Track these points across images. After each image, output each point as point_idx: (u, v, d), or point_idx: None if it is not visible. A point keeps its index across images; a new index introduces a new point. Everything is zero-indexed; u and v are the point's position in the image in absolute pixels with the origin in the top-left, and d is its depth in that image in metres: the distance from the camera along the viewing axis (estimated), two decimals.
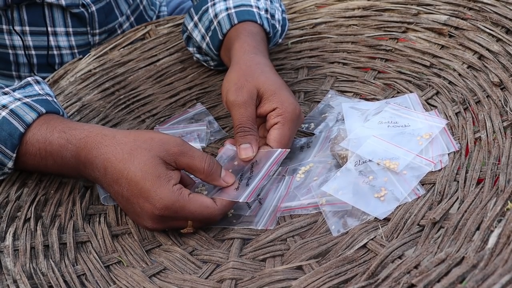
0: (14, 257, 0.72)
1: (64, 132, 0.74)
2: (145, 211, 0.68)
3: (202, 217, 0.69)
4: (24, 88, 0.81)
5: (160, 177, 0.67)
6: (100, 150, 0.71)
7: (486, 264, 0.50)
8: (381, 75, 0.89)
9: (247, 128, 0.76)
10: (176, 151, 0.70)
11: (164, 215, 0.68)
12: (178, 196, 0.67)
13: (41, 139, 0.75)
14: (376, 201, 0.66)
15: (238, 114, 0.77)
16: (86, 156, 0.72)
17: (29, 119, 0.76)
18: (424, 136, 0.71)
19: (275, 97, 0.77)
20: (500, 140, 0.67)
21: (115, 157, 0.69)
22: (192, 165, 0.70)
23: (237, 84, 0.78)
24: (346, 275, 0.59)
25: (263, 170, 0.73)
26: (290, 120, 0.76)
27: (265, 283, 0.62)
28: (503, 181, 0.61)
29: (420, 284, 0.52)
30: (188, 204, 0.68)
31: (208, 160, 0.71)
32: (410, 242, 0.60)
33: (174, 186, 0.68)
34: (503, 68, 0.77)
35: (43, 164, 0.77)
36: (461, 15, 0.88)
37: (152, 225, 0.70)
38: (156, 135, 0.71)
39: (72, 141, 0.73)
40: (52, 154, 0.75)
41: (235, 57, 0.85)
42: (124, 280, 0.68)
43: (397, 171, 0.68)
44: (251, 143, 0.75)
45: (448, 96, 0.79)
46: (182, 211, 0.68)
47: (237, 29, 0.89)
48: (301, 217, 0.70)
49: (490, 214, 0.56)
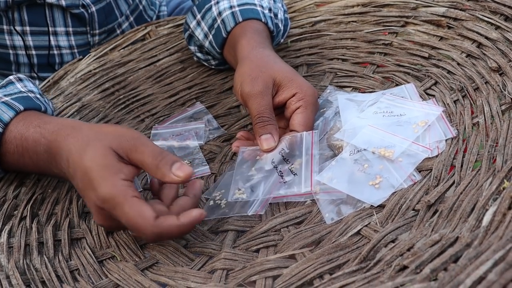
0: (8, 254, 0.71)
1: (39, 127, 0.73)
2: (91, 201, 0.65)
3: (132, 224, 0.62)
4: (5, 87, 0.81)
5: (108, 168, 0.63)
6: (67, 141, 0.68)
7: (481, 242, 0.48)
8: (380, 69, 0.88)
9: (266, 118, 0.74)
10: (128, 146, 0.65)
11: (103, 208, 0.63)
12: (120, 192, 0.62)
13: (18, 135, 0.74)
14: (371, 189, 0.64)
15: (256, 104, 0.75)
16: (56, 149, 0.70)
17: (7, 118, 0.75)
18: (420, 124, 0.69)
19: (293, 83, 0.76)
20: (498, 123, 0.65)
21: (75, 148, 0.67)
22: (142, 161, 0.65)
23: (251, 75, 0.77)
24: (338, 261, 0.57)
25: (305, 156, 0.70)
26: (311, 103, 0.75)
27: (256, 271, 0.60)
28: (500, 161, 0.58)
29: (412, 265, 0.50)
30: (126, 204, 0.61)
31: (157, 154, 0.65)
32: (404, 226, 0.58)
33: (121, 180, 0.63)
34: (501, 54, 0.75)
35: (21, 162, 0.76)
36: (459, 6, 0.86)
37: (98, 219, 0.67)
38: (117, 128, 0.68)
39: (45, 135, 0.71)
40: (28, 150, 0.74)
41: (243, 53, 0.83)
42: (116, 274, 0.67)
43: (392, 158, 0.66)
44: (271, 133, 0.73)
45: (446, 85, 0.77)
46: (117, 209, 0.62)
47: (242, 26, 0.89)
48: (295, 208, 0.68)
49: (485, 193, 0.54)
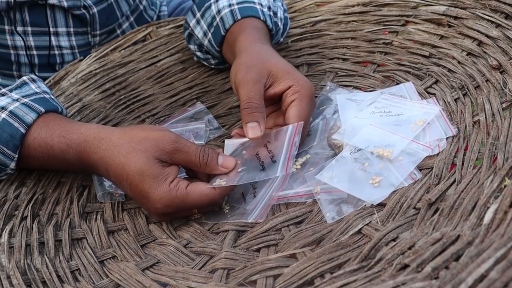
0: (9, 254, 0.71)
1: (63, 137, 0.76)
2: (150, 209, 0.71)
3: (204, 205, 0.70)
4: (20, 88, 0.82)
5: (157, 178, 0.68)
6: (99, 154, 0.72)
7: (482, 240, 0.48)
8: (381, 68, 0.88)
9: (255, 104, 0.73)
10: (170, 149, 0.70)
11: (167, 212, 0.70)
12: (176, 193, 0.68)
13: (43, 143, 0.77)
14: (371, 187, 0.64)
15: (246, 89, 0.74)
16: (88, 160, 0.74)
17: (29, 120, 0.77)
18: (418, 123, 0.69)
19: (289, 76, 0.75)
20: (499, 121, 0.65)
21: (113, 161, 0.71)
22: (188, 160, 0.71)
23: (247, 63, 0.77)
24: (339, 260, 0.57)
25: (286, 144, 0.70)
26: (307, 96, 0.74)
27: (257, 271, 0.60)
28: (501, 159, 0.58)
29: (413, 264, 0.49)
30: (188, 197, 0.69)
31: (202, 152, 0.71)
32: (405, 225, 0.58)
33: (171, 183, 0.69)
34: (502, 52, 0.74)
35: (48, 164, 0.80)
36: (460, 4, 0.86)
37: (160, 219, 0.73)
38: (150, 134, 0.71)
39: (72, 146, 0.75)
40: (56, 157, 0.77)
41: (242, 47, 0.83)
42: (117, 274, 0.67)
43: (391, 158, 0.66)
44: (258, 121, 0.72)
45: (447, 84, 0.77)
46: (184, 205, 0.69)
47: (241, 24, 0.89)
48: (296, 207, 0.68)
49: (486, 191, 0.53)
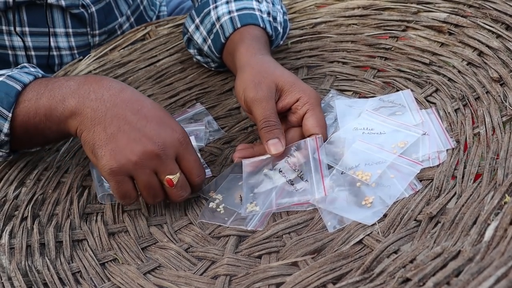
0: (9, 255, 0.72)
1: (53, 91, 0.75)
2: (167, 134, 0.70)
3: (195, 167, 0.72)
4: (20, 68, 0.82)
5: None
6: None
7: (483, 257, 0.49)
8: (381, 73, 0.88)
9: (272, 122, 0.74)
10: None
11: (182, 140, 0.71)
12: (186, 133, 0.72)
13: (33, 100, 0.75)
14: (364, 209, 0.64)
15: (261, 108, 0.75)
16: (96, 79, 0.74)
17: (26, 80, 0.77)
18: (399, 145, 0.69)
19: (295, 87, 0.76)
20: (499, 135, 0.66)
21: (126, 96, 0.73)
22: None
23: (254, 81, 0.77)
24: (340, 270, 0.58)
25: (312, 161, 0.71)
26: (317, 105, 0.76)
27: (259, 278, 0.61)
28: (501, 175, 0.59)
29: (415, 278, 0.51)
30: (192, 148, 0.72)
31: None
32: (407, 237, 0.59)
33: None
34: (502, 64, 0.75)
35: (31, 122, 0.75)
36: (461, 12, 0.87)
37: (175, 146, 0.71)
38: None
39: (74, 78, 0.76)
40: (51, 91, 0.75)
41: (243, 60, 0.84)
42: (118, 277, 0.67)
43: (369, 183, 0.66)
44: (278, 137, 0.73)
45: (447, 93, 0.78)
46: (189, 147, 0.72)
47: (241, 32, 0.89)
48: (297, 214, 0.69)
49: (487, 208, 0.54)
